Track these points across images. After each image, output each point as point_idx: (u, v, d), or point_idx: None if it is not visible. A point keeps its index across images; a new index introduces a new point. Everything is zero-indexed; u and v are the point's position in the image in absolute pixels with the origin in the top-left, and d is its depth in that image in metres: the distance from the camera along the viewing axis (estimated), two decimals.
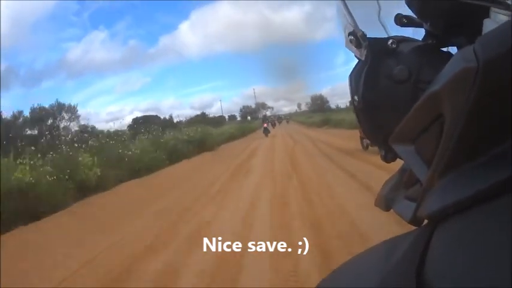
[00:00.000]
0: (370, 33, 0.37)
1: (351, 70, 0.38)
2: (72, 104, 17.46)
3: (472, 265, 0.20)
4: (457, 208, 0.23)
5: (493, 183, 0.21)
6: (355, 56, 0.39)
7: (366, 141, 7.38)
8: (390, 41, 0.36)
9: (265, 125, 20.16)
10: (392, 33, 0.38)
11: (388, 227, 2.39)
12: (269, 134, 19.10)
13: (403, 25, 0.38)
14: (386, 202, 0.38)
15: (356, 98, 0.38)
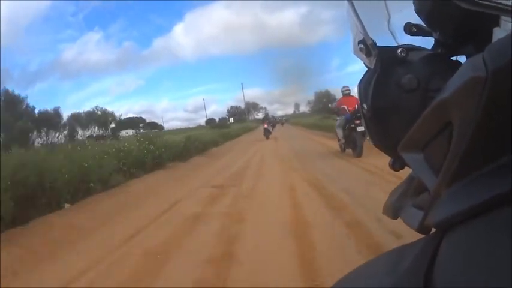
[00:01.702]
0: (379, 41, 0.37)
1: (345, 74, 0.38)
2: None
3: (479, 273, 0.20)
4: (465, 217, 0.23)
5: (501, 192, 0.21)
6: (364, 65, 0.39)
7: (342, 142, 7.43)
8: (400, 50, 0.36)
9: (265, 125, 17.86)
10: (402, 42, 0.39)
11: None
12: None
13: (412, 34, 0.38)
14: (394, 210, 0.38)
15: (365, 106, 0.38)
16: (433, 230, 0.29)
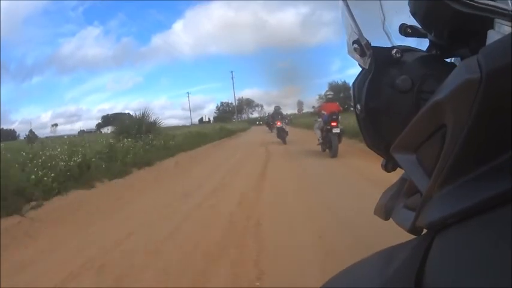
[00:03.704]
0: (374, 42, 0.37)
1: (346, 77, 0.37)
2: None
3: (470, 274, 0.20)
4: (456, 218, 0.23)
5: (493, 195, 0.21)
6: (359, 65, 0.39)
7: (320, 142, 7.82)
8: (394, 51, 0.36)
9: (278, 123, 12.18)
10: (397, 43, 0.38)
11: None
12: None
13: (407, 35, 0.38)
14: (385, 211, 0.38)
15: (358, 106, 0.37)
16: (425, 231, 0.29)
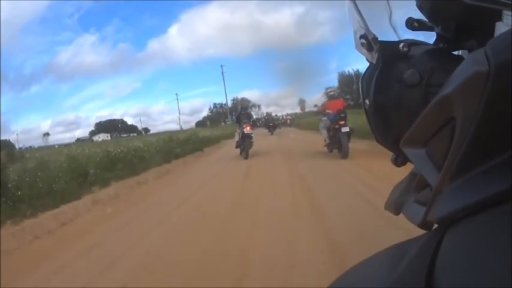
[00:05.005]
0: (381, 37, 0.37)
1: None
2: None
3: (482, 268, 0.20)
4: (467, 212, 0.23)
5: (503, 188, 0.21)
6: (366, 59, 0.39)
7: (327, 143, 7.31)
8: (401, 45, 0.36)
9: (248, 128, 8.67)
10: (404, 37, 0.38)
11: None
12: None
13: (414, 29, 0.38)
14: (396, 206, 0.38)
15: (367, 101, 0.37)
16: (436, 225, 0.29)
